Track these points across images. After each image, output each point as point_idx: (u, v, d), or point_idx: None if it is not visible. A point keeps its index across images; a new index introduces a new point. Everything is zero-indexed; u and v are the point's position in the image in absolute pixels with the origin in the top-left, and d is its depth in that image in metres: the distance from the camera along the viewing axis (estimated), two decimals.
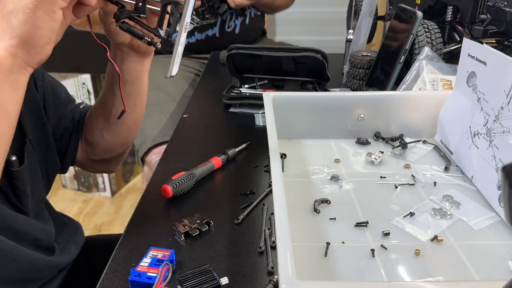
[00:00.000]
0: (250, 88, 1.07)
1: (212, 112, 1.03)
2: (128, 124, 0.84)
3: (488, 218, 0.62)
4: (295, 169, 0.75)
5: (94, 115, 0.85)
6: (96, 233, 1.97)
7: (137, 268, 0.53)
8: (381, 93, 0.85)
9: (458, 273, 0.53)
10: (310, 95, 0.86)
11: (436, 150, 0.80)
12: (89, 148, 0.87)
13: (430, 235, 0.59)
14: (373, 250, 0.56)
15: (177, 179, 0.69)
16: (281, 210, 0.49)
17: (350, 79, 1.12)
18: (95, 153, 0.88)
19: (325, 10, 2.45)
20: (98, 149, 0.87)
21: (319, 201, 0.65)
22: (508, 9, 0.82)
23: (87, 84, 2.19)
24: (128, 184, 2.38)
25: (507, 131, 0.61)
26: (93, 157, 0.89)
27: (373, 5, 1.16)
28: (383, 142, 0.83)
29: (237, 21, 1.58)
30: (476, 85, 0.69)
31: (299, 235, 0.59)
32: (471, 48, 0.71)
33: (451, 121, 0.76)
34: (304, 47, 1.00)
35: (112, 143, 0.87)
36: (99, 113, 0.83)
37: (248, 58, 1.03)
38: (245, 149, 0.84)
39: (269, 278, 0.53)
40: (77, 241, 0.89)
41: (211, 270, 0.53)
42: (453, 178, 0.72)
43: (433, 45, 0.97)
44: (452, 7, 1.01)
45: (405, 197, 0.67)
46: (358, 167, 0.75)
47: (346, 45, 1.18)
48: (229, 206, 0.68)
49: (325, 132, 0.83)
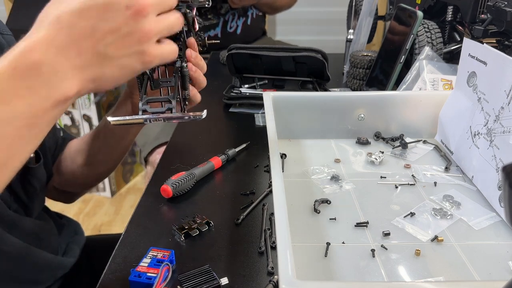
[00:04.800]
0: (250, 88, 1.07)
1: (212, 112, 1.03)
2: (109, 166, 0.85)
3: (488, 218, 0.62)
4: (295, 169, 0.75)
5: (76, 151, 0.83)
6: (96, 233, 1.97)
7: (137, 268, 0.53)
8: (381, 93, 0.85)
9: (458, 273, 0.53)
10: (310, 95, 0.86)
11: (437, 150, 0.79)
12: (57, 176, 0.84)
13: (431, 235, 0.59)
14: (373, 250, 0.56)
15: (177, 179, 0.69)
16: (281, 210, 0.49)
17: (350, 79, 1.12)
18: (61, 183, 0.85)
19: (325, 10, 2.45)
20: (67, 180, 0.85)
21: (319, 201, 0.65)
22: (508, 9, 0.82)
23: None
24: (128, 184, 2.37)
25: (507, 131, 0.61)
26: (57, 186, 0.86)
27: (373, 5, 1.16)
28: (383, 142, 0.83)
29: (239, 22, 1.58)
30: (477, 85, 0.69)
31: (299, 235, 0.59)
32: (471, 48, 0.71)
33: (452, 121, 0.76)
34: (304, 47, 1.00)
35: (87, 179, 0.86)
36: (83, 152, 0.81)
37: (248, 58, 1.03)
38: (245, 149, 0.84)
39: (269, 278, 0.53)
40: (78, 241, 0.89)
41: (211, 270, 0.53)
42: (454, 178, 0.72)
43: (433, 45, 0.96)
44: (452, 7, 1.01)
45: (405, 197, 0.67)
46: (358, 167, 0.75)
47: (346, 45, 1.18)
48: (229, 206, 0.68)
49: (325, 132, 0.83)
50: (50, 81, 0.43)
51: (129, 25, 0.45)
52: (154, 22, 0.46)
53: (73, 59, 0.44)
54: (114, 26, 0.44)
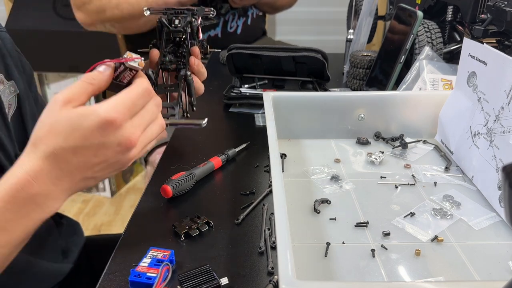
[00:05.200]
0: (250, 88, 1.07)
1: (212, 112, 1.03)
2: None
3: (488, 218, 0.62)
4: (295, 169, 0.75)
5: None
6: (96, 233, 1.97)
7: (137, 268, 0.53)
8: (381, 93, 0.85)
9: (458, 273, 0.53)
10: (310, 95, 0.86)
11: (437, 150, 0.79)
12: None
13: (431, 235, 0.59)
14: (373, 250, 0.56)
15: (177, 179, 0.69)
16: (281, 210, 0.49)
17: (350, 79, 1.12)
18: None
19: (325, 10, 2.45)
20: None
21: (319, 201, 0.65)
22: (508, 9, 0.82)
23: None
24: (128, 184, 2.37)
25: (507, 131, 0.61)
26: None
27: (373, 5, 1.16)
28: (383, 142, 0.83)
29: (239, 22, 1.58)
30: (477, 85, 0.69)
31: (299, 235, 0.59)
32: (471, 48, 0.71)
33: (452, 121, 0.76)
34: (304, 47, 1.00)
35: None
36: None
37: (248, 58, 1.03)
38: (245, 149, 0.84)
39: (269, 278, 0.53)
40: (77, 242, 0.89)
41: (211, 270, 0.53)
42: (454, 178, 0.72)
43: (433, 45, 0.96)
44: (452, 7, 1.01)
45: (405, 197, 0.67)
46: (358, 167, 0.75)
47: (346, 45, 1.18)
48: (229, 206, 0.68)
49: (325, 132, 0.83)
50: (43, 205, 0.49)
51: (118, 156, 0.51)
52: (139, 146, 0.52)
53: (65, 185, 0.50)
54: (103, 160, 0.50)
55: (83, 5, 1.42)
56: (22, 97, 0.71)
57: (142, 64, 0.53)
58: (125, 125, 0.49)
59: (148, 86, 0.53)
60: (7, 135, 0.67)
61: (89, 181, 0.52)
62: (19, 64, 0.73)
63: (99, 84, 0.52)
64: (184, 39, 0.67)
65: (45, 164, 0.48)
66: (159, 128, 0.55)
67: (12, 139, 0.67)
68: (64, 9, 2.06)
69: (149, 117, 0.53)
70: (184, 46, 0.68)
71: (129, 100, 0.50)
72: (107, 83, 0.53)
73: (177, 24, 0.67)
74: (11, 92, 0.69)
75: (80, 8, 1.44)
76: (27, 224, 0.50)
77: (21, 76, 0.73)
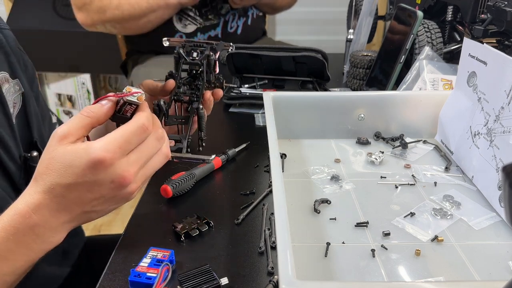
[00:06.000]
0: (250, 88, 1.07)
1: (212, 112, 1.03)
2: None
3: (488, 218, 0.62)
4: (295, 169, 0.75)
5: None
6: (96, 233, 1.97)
7: (137, 268, 0.53)
8: (381, 93, 0.85)
9: (458, 273, 0.53)
10: (310, 95, 0.86)
11: (437, 150, 0.79)
12: None
13: (431, 235, 0.59)
14: (373, 250, 0.56)
15: (177, 179, 0.69)
16: (281, 210, 0.49)
17: (350, 79, 1.12)
18: None
19: (325, 10, 2.45)
20: None
21: (319, 201, 0.65)
22: (508, 9, 0.82)
23: (87, 83, 2.19)
24: None
25: (507, 131, 0.61)
26: None
27: (373, 5, 1.16)
28: (383, 142, 0.82)
29: (239, 22, 1.58)
30: (477, 85, 0.69)
31: (299, 235, 0.59)
32: (471, 48, 0.71)
33: (452, 121, 0.76)
34: (304, 47, 1.00)
35: None
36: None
37: (248, 58, 1.03)
38: (245, 149, 0.84)
39: (269, 278, 0.53)
40: (78, 242, 0.89)
41: (211, 270, 0.53)
42: (454, 178, 0.72)
43: (433, 45, 0.96)
44: (452, 7, 1.01)
45: (405, 197, 0.67)
46: (358, 167, 0.75)
47: (346, 45, 1.18)
48: (229, 206, 0.68)
49: (325, 132, 0.83)
50: (43, 236, 0.51)
51: (114, 192, 0.52)
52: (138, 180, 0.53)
53: (64, 218, 0.52)
54: (99, 196, 0.51)
55: (83, 5, 1.43)
56: (26, 96, 0.71)
57: (142, 99, 0.53)
58: (117, 163, 0.50)
59: (145, 122, 0.52)
60: (11, 135, 0.66)
61: (90, 215, 0.53)
62: (22, 62, 0.73)
63: (97, 117, 0.53)
64: (200, 72, 0.68)
65: (44, 198, 0.50)
66: (163, 158, 0.56)
67: (16, 140, 0.67)
68: (64, 9, 2.07)
69: (148, 152, 0.53)
70: (200, 78, 0.68)
71: (122, 138, 0.50)
72: (106, 116, 0.53)
73: (194, 56, 0.68)
74: (16, 91, 0.69)
75: (80, 8, 1.44)
76: (29, 254, 0.52)
77: (24, 75, 0.72)
